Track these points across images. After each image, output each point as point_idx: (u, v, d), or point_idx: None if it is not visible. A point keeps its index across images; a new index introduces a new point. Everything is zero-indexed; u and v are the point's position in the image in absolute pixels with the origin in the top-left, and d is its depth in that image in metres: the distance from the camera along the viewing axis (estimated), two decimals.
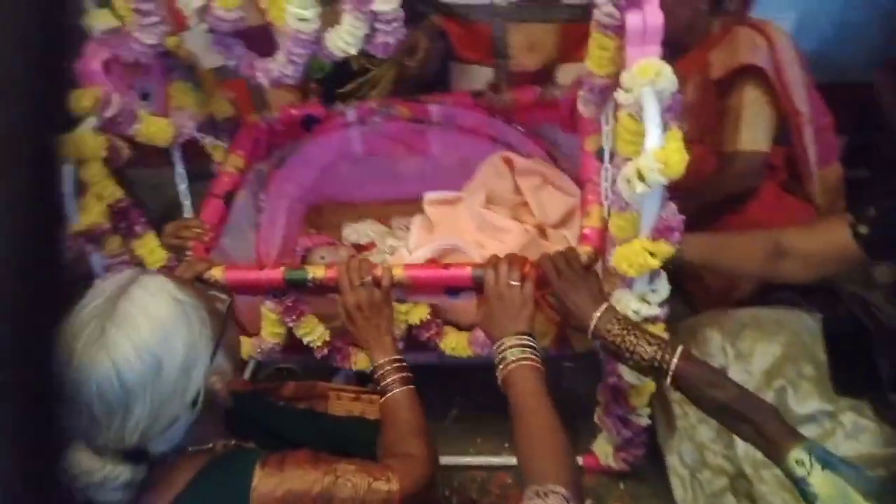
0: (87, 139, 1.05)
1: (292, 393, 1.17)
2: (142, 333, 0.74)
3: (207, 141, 1.42)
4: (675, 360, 0.95)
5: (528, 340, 1.01)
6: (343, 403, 1.18)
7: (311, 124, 1.60)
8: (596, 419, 1.33)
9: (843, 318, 1.37)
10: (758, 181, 1.64)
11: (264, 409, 1.09)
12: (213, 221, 1.34)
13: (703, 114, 1.71)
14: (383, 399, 1.05)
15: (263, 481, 0.81)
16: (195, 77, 1.41)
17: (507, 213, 1.47)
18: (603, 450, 1.39)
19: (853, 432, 1.21)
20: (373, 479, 0.89)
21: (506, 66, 2.19)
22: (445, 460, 1.52)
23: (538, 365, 0.99)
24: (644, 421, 1.25)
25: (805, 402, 1.24)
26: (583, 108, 1.18)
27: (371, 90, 1.98)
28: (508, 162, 1.51)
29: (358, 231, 1.60)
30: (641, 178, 0.87)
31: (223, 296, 0.89)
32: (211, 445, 0.86)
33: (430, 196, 1.51)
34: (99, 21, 1.08)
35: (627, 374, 1.13)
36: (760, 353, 1.30)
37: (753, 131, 1.62)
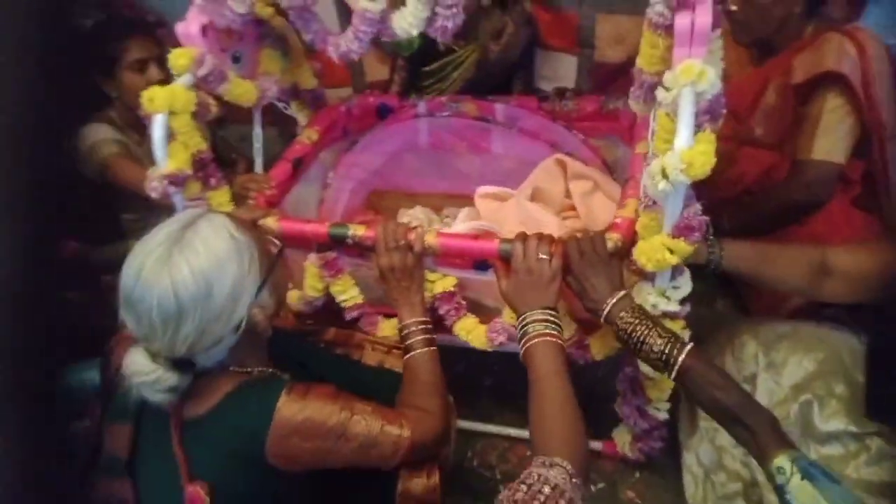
0: (179, 93, 1.19)
1: (332, 338, 1.29)
2: (199, 260, 0.87)
3: (287, 110, 1.55)
4: (681, 357, 0.98)
5: (552, 316, 1.04)
6: (376, 355, 1.29)
7: (385, 113, 1.70)
8: (616, 407, 1.37)
9: (892, 342, 1.33)
10: (827, 194, 1.58)
11: (304, 348, 1.21)
12: (278, 179, 1.47)
13: (782, 119, 1.67)
14: (406, 357, 1.14)
15: (287, 405, 0.92)
16: (285, 46, 1.53)
17: (552, 212, 1.52)
18: (622, 438, 1.43)
19: (878, 458, 1.19)
20: (386, 422, 0.99)
21: (590, 55, 2.20)
22: (472, 425, 1.62)
23: (560, 341, 1.03)
24: (662, 415, 1.28)
25: (830, 420, 1.22)
26: (633, 105, 1.20)
27: (454, 70, 2.06)
28: (562, 165, 1.55)
29: (410, 216, 1.69)
30: (665, 175, 0.90)
31: (277, 241, 1.01)
32: (249, 369, 0.99)
33: (482, 189, 1.57)
34: None
35: (644, 366, 1.16)
36: (793, 365, 1.29)
37: (829, 141, 1.56)
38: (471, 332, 1.28)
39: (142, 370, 0.89)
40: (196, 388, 0.95)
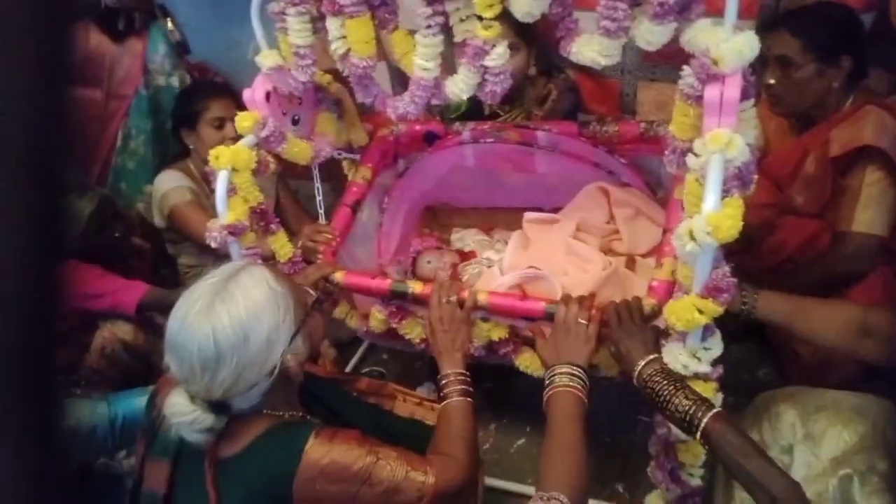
0: (242, 153, 1.30)
1: (365, 387, 1.33)
2: (239, 310, 0.94)
3: (343, 157, 1.67)
4: (705, 419, 0.98)
5: (580, 373, 1.10)
6: (407, 406, 1.32)
7: (431, 139, 1.81)
8: (649, 471, 1.35)
9: None
10: (868, 266, 1.57)
11: (337, 396, 1.25)
12: (340, 227, 1.58)
13: (822, 190, 1.68)
14: (442, 405, 1.17)
15: (314, 448, 0.96)
16: (340, 109, 1.65)
17: (597, 240, 1.57)
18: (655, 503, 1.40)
19: None
20: (411, 468, 1.01)
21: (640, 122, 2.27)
22: (500, 483, 1.61)
23: (582, 396, 1.08)
24: (695, 482, 1.26)
25: (872, 497, 1.18)
26: (667, 167, 1.25)
27: None
28: (605, 192, 1.61)
29: (463, 238, 1.79)
30: (693, 237, 0.94)
31: (312, 291, 1.08)
32: (282, 413, 1.03)
33: (529, 216, 1.65)
34: (267, 60, 1.35)
35: (676, 428, 1.16)
36: (832, 437, 1.26)
37: (871, 213, 1.57)
38: (531, 363, 1.36)
39: (181, 411, 0.95)
40: (230, 429, 1.00)
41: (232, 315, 0.93)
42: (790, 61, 1.62)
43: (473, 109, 2.11)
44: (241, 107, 1.74)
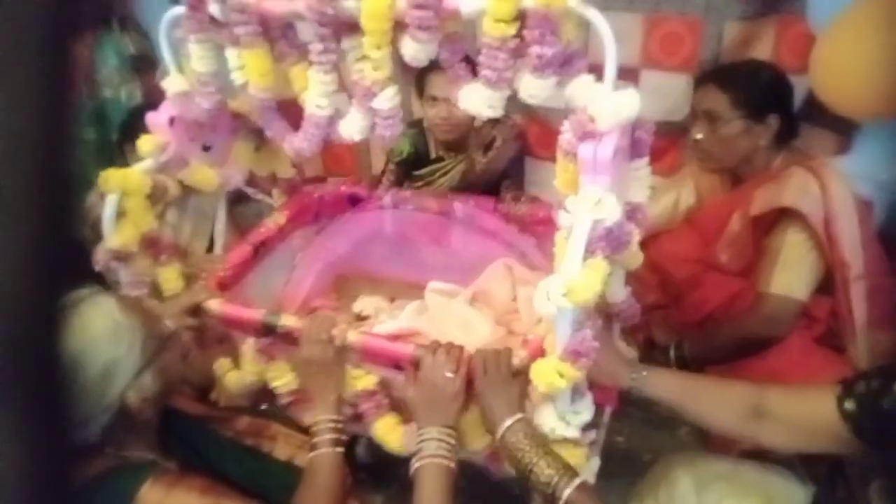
0: (132, 176, 1.27)
1: (245, 427, 1.27)
2: (72, 341, 0.89)
3: (257, 196, 1.64)
4: (567, 491, 0.94)
5: (448, 437, 1.05)
6: (288, 449, 1.26)
7: (355, 202, 1.80)
8: None
9: (841, 501, 1.23)
10: (785, 329, 1.54)
11: (206, 437, 1.20)
12: (234, 262, 1.51)
13: (745, 248, 1.66)
14: (310, 455, 1.12)
15: (149, 494, 0.91)
16: (260, 140, 1.63)
17: (496, 314, 1.53)
18: None
19: None
20: None
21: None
22: None
23: (451, 465, 1.04)
24: None
25: None
26: (558, 224, 1.22)
27: (442, 177, 2.15)
28: (510, 269, 1.59)
29: (364, 304, 1.73)
30: (548, 298, 0.90)
31: (170, 324, 1.03)
32: (127, 454, 0.98)
33: (433, 285, 1.61)
34: (172, 84, 1.32)
35: None
36: None
37: (789, 276, 1.54)
38: (388, 433, 1.25)
39: None
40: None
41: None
42: (717, 116, 1.61)
43: (418, 154, 2.12)
44: None
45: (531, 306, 1.54)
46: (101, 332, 0.92)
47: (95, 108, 2.17)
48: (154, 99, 2.21)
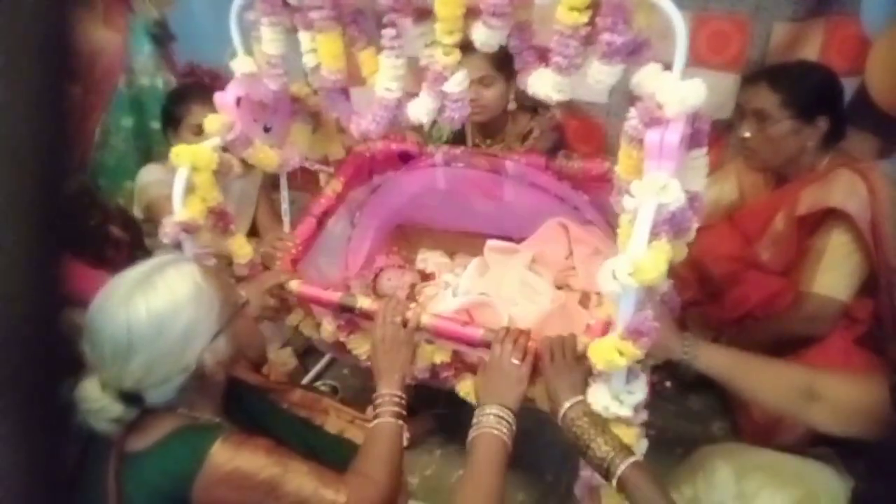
0: (202, 152, 1.32)
1: (298, 400, 1.32)
2: (158, 302, 0.94)
3: (316, 168, 1.70)
4: (623, 466, 0.97)
5: (508, 416, 1.09)
6: (339, 423, 1.31)
7: (406, 159, 1.84)
8: None
9: (881, 495, 1.25)
10: (826, 329, 1.55)
11: (263, 405, 1.24)
12: (303, 236, 1.59)
13: (788, 248, 1.67)
14: (371, 424, 1.16)
15: (219, 452, 0.95)
16: (317, 122, 1.68)
17: (553, 274, 1.58)
18: None
19: None
20: (322, 484, 0.99)
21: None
22: None
23: (507, 441, 1.07)
24: None
25: None
26: (615, 208, 1.25)
27: None
28: (565, 228, 1.63)
29: (427, 260, 1.82)
30: (615, 277, 0.93)
31: (242, 293, 1.08)
32: (197, 415, 1.02)
33: (491, 243, 1.66)
34: (241, 65, 1.37)
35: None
36: (764, 499, 1.23)
37: (832, 276, 1.55)
38: (470, 391, 1.34)
39: (89, 397, 0.94)
40: (141, 423, 0.99)
41: (150, 306, 0.93)
42: (767, 116, 1.62)
43: (455, 140, 2.15)
44: None
45: (587, 263, 1.61)
46: (185, 295, 0.96)
47: (132, 96, 2.22)
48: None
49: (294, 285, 1.38)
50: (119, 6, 2.17)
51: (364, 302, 1.32)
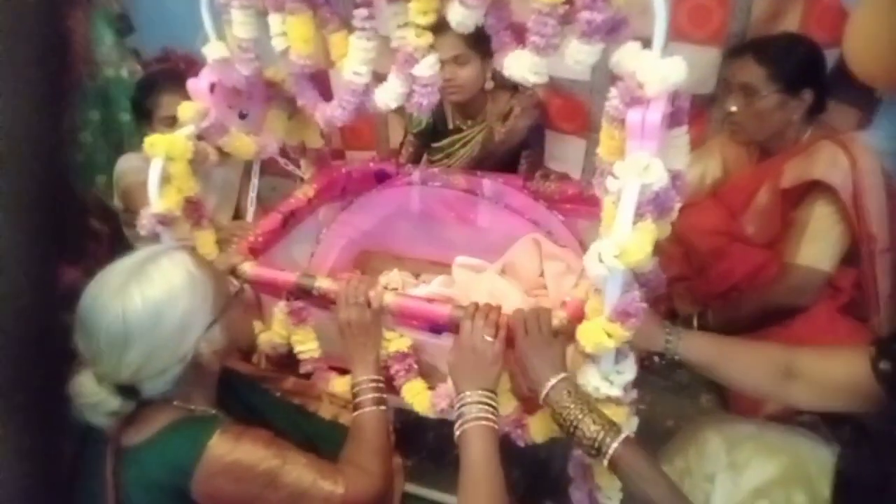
0: (178, 142, 1.29)
1: (291, 387, 1.31)
2: (153, 291, 0.93)
3: (289, 167, 1.66)
4: (614, 444, 0.97)
5: (490, 399, 1.07)
6: (333, 409, 1.30)
7: (382, 179, 1.81)
8: (570, 492, 1.33)
9: (866, 459, 1.27)
10: (810, 299, 1.57)
11: (257, 394, 1.24)
12: (265, 229, 1.54)
13: (772, 220, 1.68)
14: (354, 413, 1.15)
15: (218, 444, 0.95)
16: (293, 108, 1.64)
17: (523, 288, 1.55)
18: None
19: None
20: (320, 476, 0.99)
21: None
22: (429, 493, 1.59)
23: (494, 426, 1.05)
24: None
25: None
26: (596, 191, 1.24)
27: (461, 148, 2.16)
28: (538, 244, 1.61)
29: (390, 278, 1.76)
30: (601, 260, 0.93)
31: (236, 282, 1.06)
32: (193, 407, 1.02)
33: (460, 259, 1.63)
34: (213, 51, 1.34)
35: None
36: (755, 468, 1.24)
37: (816, 247, 1.57)
38: (416, 395, 1.28)
39: (86, 392, 0.94)
40: (138, 416, 0.99)
41: (146, 296, 0.92)
42: (754, 90, 1.62)
43: (437, 124, 2.12)
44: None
45: (558, 280, 1.59)
46: (180, 284, 0.95)
47: (98, 88, 2.16)
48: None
49: (247, 267, 1.32)
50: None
51: (323, 282, 1.26)
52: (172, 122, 1.80)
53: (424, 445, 1.76)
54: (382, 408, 1.15)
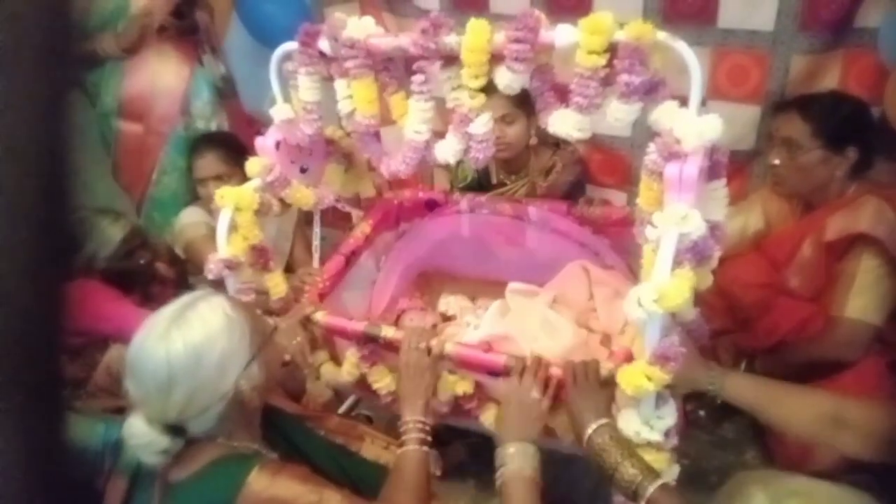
0: (245, 193, 1.41)
1: (334, 427, 1.36)
2: (193, 335, 0.99)
3: (345, 208, 1.79)
4: (650, 489, 0.99)
5: (531, 450, 1.12)
6: (374, 448, 1.34)
7: (432, 207, 1.92)
8: None
9: None
10: (859, 353, 1.55)
11: (301, 433, 1.28)
12: (331, 273, 1.65)
13: (816, 274, 1.68)
14: (398, 452, 1.19)
15: (256, 480, 0.99)
16: (349, 162, 1.76)
17: (574, 315, 1.60)
18: None
19: None
20: None
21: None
22: None
23: (534, 474, 1.10)
24: None
25: None
26: (639, 240, 1.29)
27: None
28: (586, 271, 1.66)
29: (449, 303, 1.85)
30: (640, 304, 0.97)
31: (270, 321, 1.13)
32: (236, 444, 1.07)
33: (512, 286, 1.69)
34: (279, 112, 1.47)
35: None
36: None
37: (864, 300, 1.56)
38: (494, 422, 1.37)
39: (137, 433, 1.00)
40: (184, 454, 1.03)
41: (186, 340, 0.99)
42: (797, 144, 1.64)
43: (480, 179, 2.22)
44: (233, 160, 1.95)
45: (608, 305, 1.63)
46: (217, 326, 1.02)
47: (188, 139, 2.34)
48: (238, 121, 2.42)
49: (320, 316, 1.43)
50: (188, 59, 2.34)
51: (388, 331, 1.36)
52: (203, 183, 2.06)
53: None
54: (425, 448, 1.19)
